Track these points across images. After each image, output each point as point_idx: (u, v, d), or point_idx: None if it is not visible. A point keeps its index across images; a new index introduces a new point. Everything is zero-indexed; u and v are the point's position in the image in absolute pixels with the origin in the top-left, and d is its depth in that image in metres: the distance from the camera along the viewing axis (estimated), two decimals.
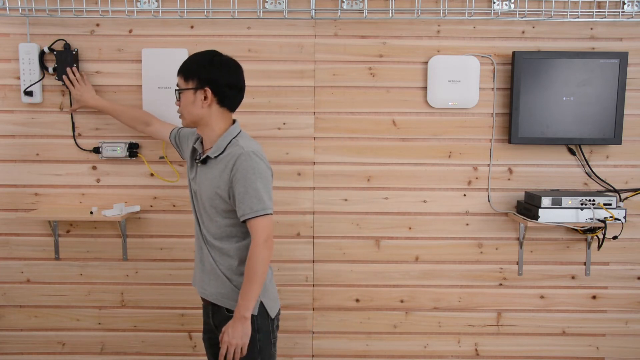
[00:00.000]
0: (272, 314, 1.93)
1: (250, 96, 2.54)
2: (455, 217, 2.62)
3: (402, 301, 2.66)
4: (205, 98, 1.88)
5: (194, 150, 2.00)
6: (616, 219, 2.39)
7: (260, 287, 1.83)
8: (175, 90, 1.93)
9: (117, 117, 2.45)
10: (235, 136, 1.90)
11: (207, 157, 1.91)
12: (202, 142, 1.98)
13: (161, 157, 2.57)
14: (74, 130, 2.56)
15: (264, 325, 1.91)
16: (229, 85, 1.90)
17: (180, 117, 1.96)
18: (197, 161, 1.96)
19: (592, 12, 2.48)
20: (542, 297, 2.66)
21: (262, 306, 1.90)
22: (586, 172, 2.59)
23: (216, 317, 1.95)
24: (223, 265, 1.91)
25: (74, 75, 2.45)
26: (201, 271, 1.99)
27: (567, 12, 2.47)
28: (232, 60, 1.94)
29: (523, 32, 2.53)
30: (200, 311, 2.65)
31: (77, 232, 2.62)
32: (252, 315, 1.86)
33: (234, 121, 1.96)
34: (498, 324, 2.67)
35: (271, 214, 1.84)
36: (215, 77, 1.88)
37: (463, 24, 2.53)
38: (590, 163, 2.58)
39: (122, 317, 2.67)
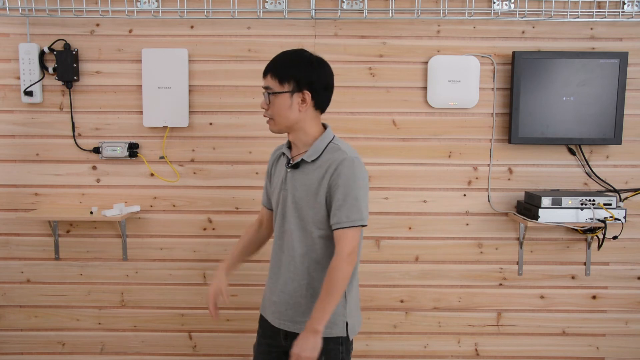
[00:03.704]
0: (351, 336, 1.81)
1: (250, 96, 2.54)
2: (455, 217, 2.62)
3: (402, 301, 2.66)
4: (304, 101, 1.74)
5: (280, 155, 1.87)
6: (616, 219, 2.39)
7: (336, 302, 1.68)
8: (268, 93, 1.76)
9: (247, 255, 2.04)
10: (332, 140, 1.78)
11: (302, 162, 1.77)
12: (289, 148, 1.85)
13: (161, 157, 2.57)
14: (73, 130, 2.56)
15: (347, 342, 1.80)
16: (325, 86, 1.79)
17: (268, 121, 1.79)
18: (288, 166, 1.81)
19: (592, 12, 2.48)
20: (542, 297, 2.66)
21: (346, 327, 1.78)
22: (586, 172, 2.59)
23: (289, 338, 1.77)
24: (303, 286, 1.77)
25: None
26: (281, 294, 1.81)
27: (567, 12, 2.47)
28: (323, 59, 1.81)
29: (523, 32, 2.53)
30: (201, 311, 2.65)
31: (77, 232, 2.62)
32: (339, 337, 1.77)
33: (324, 125, 1.83)
34: (498, 324, 2.67)
35: (365, 225, 1.72)
36: (314, 78, 1.75)
37: (463, 24, 2.53)
38: (590, 163, 2.58)
39: (122, 317, 2.67)
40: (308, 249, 1.77)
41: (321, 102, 1.80)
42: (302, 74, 1.74)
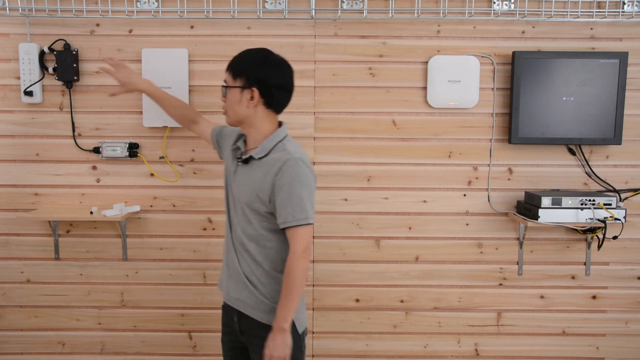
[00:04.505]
0: (300, 329, 1.86)
1: None
2: (455, 217, 2.62)
3: (402, 301, 2.66)
4: (252, 98, 1.80)
5: (236, 148, 1.93)
6: (616, 219, 2.39)
7: (299, 299, 1.77)
8: (222, 86, 1.86)
9: (164, 106, 2.25)
10: (282, 140, 1.84)
11: (250, 158, 1.83)
12: (245, 141, 1.92)
13: (161, 157, 2.57)
14: (74, 130, 2.56)
15: (297, 339, 1.83)
16: (277, 86, 1.82)
17: (224, 114, 1.88)
18: (239, 160, 1.89)
19: (592, 12, 2.48)
20: (542, 297, 2.66)
21: (292, 322, 1.82)
22: (586, 172, 2.59)
23: (243, 322, 1.88)
24: (252, 272, 1.85)
25: (114, 61, 2.23)
26: (228, 276, 1.92)
27: (567, 12, 2.47)
28: (284, 61, 1.86)
29: (523, 32, 2.53)
30: (201, 311, 2.66)
31: (77, 232, 2.62)
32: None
33: (280, 123, 1.89)
34: (498, 324, 2.67)
35: (312, 223, 1.78)
36: (264, 77, 1.80)
37: (463, 24, 2.53)
38: (590, 163, 2.58)
39: (122, 317, 2.67)
40: (252, 238, 1.84)
41: (273, 102, 1.84)
42: (252, 71, 1.80)
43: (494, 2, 2.48)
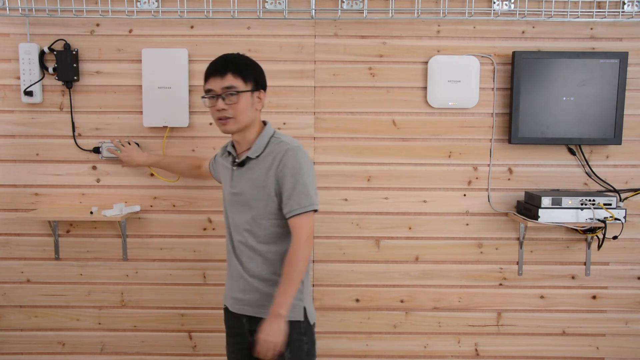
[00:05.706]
0: (312, 321, 1.89)
1: None
2: (455, 217, 2.62)
3: (402, 301, 2.66)
4: (260, 100, 1.88)
5: (226, 155, 1.97)
6: (616, 219, 2.39)
7: (297, 286, 1.78)
8: (233, 92, 1.80)
9: (171, 169, 2.48)
10: (273, 134, 1.89)
11: (247, 159, 1.86)
12: (233, 146, 1.95)
13: None
14: (74, 130, 2.56)
15: (309, 330, 1.87)
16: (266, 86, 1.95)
17: (226, 121, 1.83)
18: (234, 165, 1.91)
19: (592, 12, 2.48)
20: (542, 297, 2.66)
21: (305, 312, 1.86)
22: (586, 172, 2.59)
23: (254, 323, 1.84)
24: (263, 272, 1.86)
25: (120, 143, 2.48)
26: (236, 285, 1.91)
27: (567, 12, 2.47)
28: None
29: (523, 32, 2.53)
30: (201, 311, 2.66)
31: (77, 232, 2.62)
32: (299, 321, 1.83)
33: (264, 122, 1.96)
34: (498, 324, 2.67)
35: (317, 210, 1.82)
36: (264, 79, 1.91)
37: (463, 24, 2.53)
38: (590, 163, 2.58)
39: (122, 317, 2.67)
40: (261, 239, 1.85)
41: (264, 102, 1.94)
42: (258, 74, 1.88)
43: (494, 2, 2.48)
